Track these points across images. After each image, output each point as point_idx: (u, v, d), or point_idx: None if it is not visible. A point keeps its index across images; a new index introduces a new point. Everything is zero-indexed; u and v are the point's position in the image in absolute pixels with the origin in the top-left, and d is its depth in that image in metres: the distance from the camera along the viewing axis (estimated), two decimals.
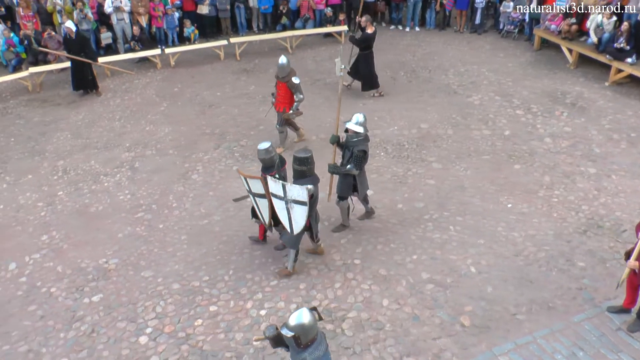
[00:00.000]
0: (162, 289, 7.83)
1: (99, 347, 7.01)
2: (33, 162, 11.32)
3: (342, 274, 7.82)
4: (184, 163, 10.74)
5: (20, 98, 14.41)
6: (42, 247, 8.89)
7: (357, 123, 8.11)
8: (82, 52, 13.50)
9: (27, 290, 8.05)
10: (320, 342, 4.71)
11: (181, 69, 15.35)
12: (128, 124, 12.43)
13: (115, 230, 9.10)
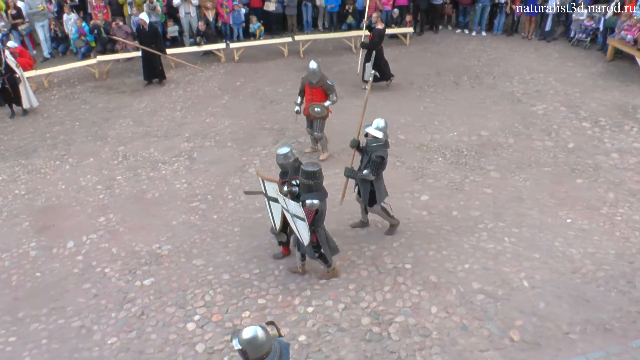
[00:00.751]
0: (212, 278, 7.99)
1: (147, 330, 7.23)
2: (95, 146, 11.75)
3: (392, 278, 7.79)
4: (241, 156, 10.92)
5: (87, 84, 15.00)
6: (99, 228, 9.23)
7: (377, 128, 7.96)
8: (152, 44, 13.94)
9: (82, 269, 8.39)
10: (274, 356, 4.63)
11: (244, 63, 15.59)
12: (189, 114, 12.72)
13: (170, 218, 9.33)
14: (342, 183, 8.96)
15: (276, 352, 4.65)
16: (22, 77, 13.17)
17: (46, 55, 16.92)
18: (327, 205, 7.49)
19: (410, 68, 14.83)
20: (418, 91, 13.49)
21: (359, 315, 7.23)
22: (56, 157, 11.51)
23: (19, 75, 13.06)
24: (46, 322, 7.54)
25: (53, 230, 9.33)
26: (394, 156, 10.59)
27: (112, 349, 7.02)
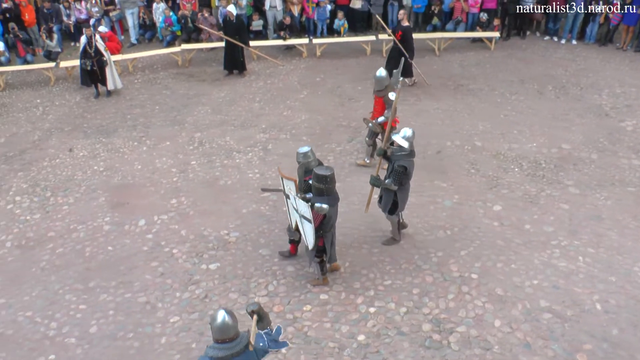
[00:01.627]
0: (277, 269, 8.12)
1: (209, 313, 7.40)
2: (173, 131, 12.14)
3: (457, 286, 7.71)
4: (316, 151, 10.92)
5: (170, 71, 15.54)
6: (170, 209, 9.54)
7: (404, 137, 7.84)
8: (237, 35, 14.26)
9: (151, 247, 8.72)
10: (227, 348, 4.73)
11: (326, 60, 15.72)
12: (267, 106, 12.94)
13: (241, 206, 9.53)
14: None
15: (242, 341, 4.79)
16: (109, 60, 13.82)
17: (133, 41, 17.63)
18: (337, 210, 7.44)
19: (493, 74, 14.58)
20: (499, 98, 13.25)
21: (420, 320, 7.20)
22: (135, 138, 11.98)
23: (106, 58, 13.71)
24: (114, 294, 7.90)
25: (127, 207, 9.72)
26: (469, 163, 10.48)
27: (173, 327, 7.27)
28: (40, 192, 10.37)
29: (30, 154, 11.75)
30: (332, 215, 7.20)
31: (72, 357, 7.03)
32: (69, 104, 14.06)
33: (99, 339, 7.22)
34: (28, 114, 13.78)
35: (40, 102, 14.39)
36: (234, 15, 14.27)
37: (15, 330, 7.45)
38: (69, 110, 13.71)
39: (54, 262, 8.62)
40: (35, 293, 8.05)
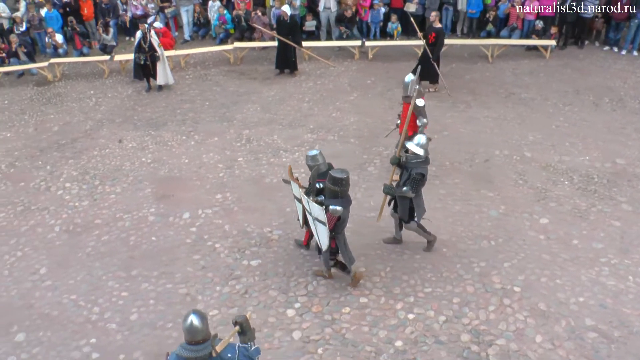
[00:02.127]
0: (318, 269, 8.11)
1: (248, 308, 7.50)
2: (221, 127, 12.31)
3: (499, 298, 7.58)
4: (362, 154, 11.01)
5: (221, 68, 15.76)
6: (214, 204, 9.67)
7: (418, 144, 7.76)
8: (290, 35, 14.37)
9: (194, 240, 8.86)
10: (194, 350, 4.84)
11: (378, 62, 15.66)
12: (316, 107, 12.99)
13: (285, 204, 9.58)
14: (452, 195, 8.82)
15: (209, 347, 4.86)
16: (162, 56, 14.13)
17: (186, 37, 17.94)
18: (349, 213, 7.49)
19: (547, 83, 14.29)
20: (552, 108, 12.98)
21: (459, 330, 7.11)
22: (183, 133, 12.18)
23: (159, 54, 14.03)
24: (155, 284, 8.07)
25: (172, 199, 9.91)
26: (517, 173, 10.32)
27: (212, 321, 7.32)
28: (89, 180, 10.68)
29: (82, 143, 12.10)
30: (346, 217, 7.31)
31: (112, 342, 7.20)
32: (120, 97, 14.41)
33: (139, 326, 7.39)
34: (81, 104, 14.19)
35: (94, 94, 14.78)
36: (287, 16, 14.39)
37: (60, 312, 7.71)
38: (121, 103, 14.06)
39: (99, 248, 8.86)
40: (80, 277, 8.31)
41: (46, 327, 7.52)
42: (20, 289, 8.27)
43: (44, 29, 17.21)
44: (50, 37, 16.72)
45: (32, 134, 12.92)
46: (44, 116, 13.76)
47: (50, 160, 11.59)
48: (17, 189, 10.65)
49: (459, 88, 13.85)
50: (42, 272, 8.53)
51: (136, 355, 6.94)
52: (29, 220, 9.71)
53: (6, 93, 15.39)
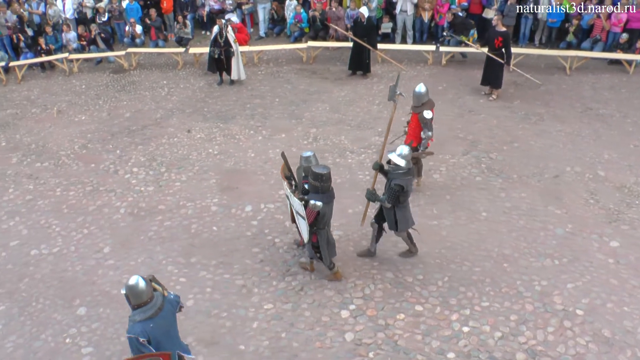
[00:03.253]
0: (376, 273, 8.11)
1: (303, 306, 7.56)
2: (289, 124, 12.42)
3: (559, 320, 7.34)
4: (429, 160, 10.84)
5: (293, 66, 15.92)
6: (277, 199, 9.77)
7: (400, 155, 7.71)
8: (365, 37, 14.39)
9: (255, 234, 9.00)
10: (150, 308, 5.37)
11: (450, 69, 15.47)
12: (385, 109, 12.91)
13: (347, 205, 9.58)
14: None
15: (157, 302, 5.43)
16: (236, 52, 14.43)
17: (261, 34, 18.22)
18: (333, 209, 7.65)
19: (628, 100, 13.73)
20: (631, 127, 12.47)
21: (514, 348, 6.95)
22: (251, 127, 12.36)
23: (234, 49, 14.33)
24: (213, 273, 8.24)
25: (235, 192, 10.08)
26: (588, 192, 9.98)
27: (266, 314, 7.45)
28: (156, 166, 11.00)
29: (151, 130, 12.46)
30: (325, 213, 7.42)
31: None
32: (192, 88, 14.75)
33: (194, 312, 7.54)
34: (154, 93, 14.61)
35: (166, 84, 15.19)
36: (365, 17, 14.42)
37: (119, 291, 7.89)
38: (192, 94, 14.39)
39: (161, 233, 9.11)
40: (140, 259, 8.59)
41: (106, 304, 7.83)
42: (85, 265, 8.64)
43: (124, 19, 17.87)
44: (131, 27, 17.30)
45: (105, 118, 13.40)
46: (118, 102, 14.26)
47: (120, 144, 12.01)
48: (87, 170, 11.10)
49: (532, 99, 13.50)
50: (105, 251, 8.88)
51: (189, 340, 7.06)
52: (97, 201, 10.11)
53: (84, 78, 16.04)
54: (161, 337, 5.44)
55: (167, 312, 5.54)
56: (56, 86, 15.76)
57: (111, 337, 7.32)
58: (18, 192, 10.62)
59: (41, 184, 10.82)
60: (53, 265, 8.71)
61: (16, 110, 14.30)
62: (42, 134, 12.85)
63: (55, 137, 12.67)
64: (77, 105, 14.27)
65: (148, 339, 5.31)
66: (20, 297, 8.17)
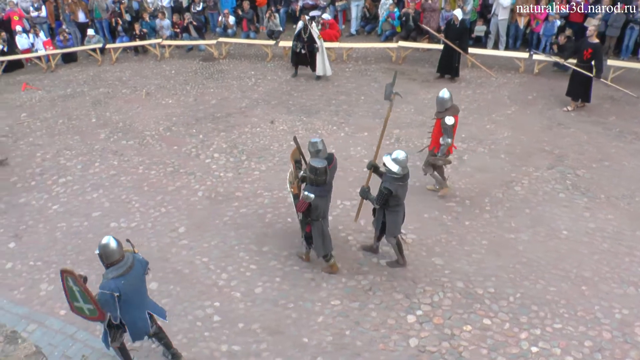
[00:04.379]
0: (446, 281, 8.01)
1: (369, 306, 7.57)
2: (373, 123, 12.42)
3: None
4: (511, 172, 10.66)
5: (382, 65, 15.92)
6: (354, 197, 9.75)
7: (395, 159, 7.60)
8: (457, 40, 14.24)
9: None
10: (121, 266, 5.88)
11: (543, 78, 14.99)
12: (470, 116, 12.73)
13: (423, 210, 9.52)
14: None
15: (128, 261, 5.94)
16: (320, 48, 14.63)
17: (352, 31, 18.32)
18: (328, 202, 7.84)
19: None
20: None
21: None
22: (334, 123, 12.45)
23: (318, 45, 14.53)
24: (284, 263, 8.37)
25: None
26: None
27: (332, 310, 7.50)
28: (237, 154, 11.26)
29: (235, 119, 12.75)
30: (318, 205, 7.53)
31: (234, 309, 7.58)
32: (279, 80, 15.00)
33: (262, 300, 7.70)
34: (241, 82, 14.96)
35: (254, 74, 15.50)
36: (458, 20, 14.28)
37: (191, 271, 8.25)
38: (278, 86, 14.63)
39: (236, 219, 9.33)
40: (214, 243, 8.84)
41: (177, 282, 8.10)
42: (160, 242, 8.98)
43: (217, 10, 18.40)
44: (224, 18, 17.77)
45: (192, 103, 13.82)
46: (205, 89, 14.68)
47: (203, 130, 12.36)
48: (170, 152, 11.52)
49: (629, 117, 12.88)
50: (180, 231, 9.19)
51: (254, 327, 7.23)
52: (176, 182, 10.47)
53: (174, 64, 16.64)
54: (132, 294, 5.97)
55: (137, 271, 6.07)
56: (147, 69, 16.42)
57: (179, 314, 7.57)
58: (103, 167, 11.19)
59: (125, 161, 11.33)
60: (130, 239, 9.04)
61: (108, 90, 15.03)
62: (130, 114, 13.44)
63: (142, 117, 13.22)
64: (165, 89, 14.82)
65: (119, 294, 5.82)
66: (98, 265, 8.47)
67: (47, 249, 9.03)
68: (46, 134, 12.74)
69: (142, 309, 6.21)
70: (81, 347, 7.12)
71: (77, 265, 8.50)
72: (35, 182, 10.88)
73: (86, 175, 10.99)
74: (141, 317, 6.21)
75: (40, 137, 12.60)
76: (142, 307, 6.21)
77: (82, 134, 12.67)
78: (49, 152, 11.86)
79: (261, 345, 7.03)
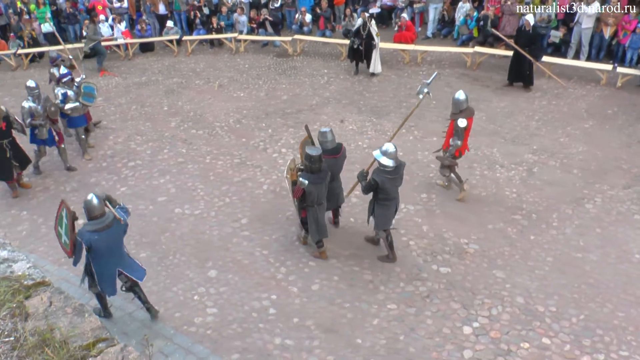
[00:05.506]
0: (506, 295, 7.87)
1: (426, 312, 7.52)
2: (442, 128, 12.09)
3: None
4: (583, 188, 10.35)
5: (456, 70, 15.73)
6: (418, 202, 9.79)
7: (382, 151, 7.85)
8: (527, 47, 13.94)
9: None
10: (98, 223, 6.57)
11: (625, 92, 14.39)
12: (544, 127, 12.45)
13: (487, 220, 9.39)
14: None
15: (106, 220, 6.63)
16: (377, 45, 14.98)
17: (428, 34, 18.21)
18: (324, 190, 8.09)
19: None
20: None
21: None
22: (404, 126, 12.29)
23: (375, 42, 14.87)
24: (344, 262, 8.42)
25: None
26: None
27: (388, 314, 7.50)
28: None
29: (305, 115, 12.88)
30: (312, 191, 7.89)
31: (290, 304, 7.69)
32: (351, 80, 15.06)
33: (318, 297, 7.78)
34: (313, 80, 15.08)
35: (327, 73, 15.61)
36: (530, 26, 13.96)
37: (250, 262, 8.43)
38: (350, 85, 14.69)
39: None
40: (275, 236, 8.99)
41: (235, 272, 8.30)
42: (222, 231, 9.23)
43: (295, 7, 18.64)
44: (301, 15, 17.98)
45: (263, 98, 14.05)
46: (277, 84, 14.89)
47: (272, 124, 12.55)
48: (238, 144, 11.77)
49: None
50: (242, 222, 9.41)
51: (309, 323, 7.31)
52: (242, 174, 10.70)
53: (248, 58, 16.95)
54: (103, 250, 6.68)
55: (114, 231, 6.73)
56: (221, 62, 16.80)
57: (236, 303, 7.74)
58: (172, 154, 11.55)
59: (193, 150, 11.64)
60: (193, 226, 9.40)
61: (182, 80, 15.46)
62: (201, 104, 13.79)
63: (213, 108, 13.54)
64: (237, 82, 15.11)
65: (89, 246, 6.58)
66: (160, 248, 8.92)
67: None
68: (119, 118, 13.25)
69: (112, 265, 6.90)
70: (139, 326, 7.39)
71: (140, 247, 8.93)
72: (106, 164, 11.36)
73: (154, 160, 11.38)
74: (109, 272, 6.92)
75: (113, 121, 13.13)
76: (112, 264, 6.90)
77: (153, 121, 13.10)
78: (121, 136, 12.35)
79: (314, 342, 7.10)
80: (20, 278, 4.30)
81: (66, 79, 11.14)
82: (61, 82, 11.16)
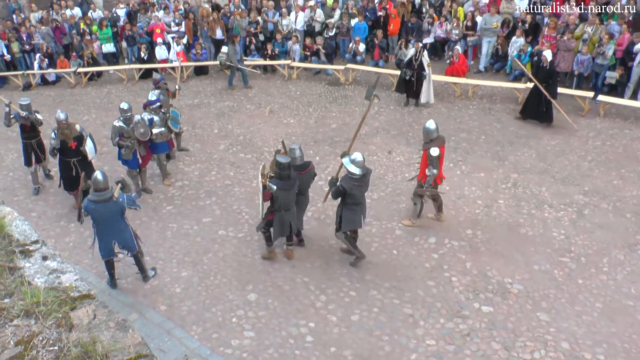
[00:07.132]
0: (550, 339, 7.67)
1: (465, 351, 7.38)
2: (491, 164, 12.15)
3: None
4: (636, 233, 10.01)
5: (507, 105, 15.43)
6: (463, 238, 9.63)
7: (351, 160, 8.34)
8: (546, 83, 13.74)
9: (433, 267, 8.98)
10: (98, 196, 7.82)
11: None
12: (597, 169, 12.14)
13: (533, 261, 9.19)
14: None
15: (104, 196, 7.85)
16: (428, 76, 15.01)
17: (480, 68, 18.05)
18: (292, 197, 8.59)
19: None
20: None
21: None
22: (452, 160, 12.25)
23: (426, 73, 14.88)
24: (384, 295, 8.35)
25: (421, 221, 10.06)
26: None
27: (427, 350, 7.38)
28: None
29: (353, 144, 12.78)
30: (279, 197, 8.45)
31: (328, 332, 7.66)
32: (401, 111, 15.04)
33: (357, 328, 7.72)
34: (363, 109, 15.00)
35: (377, 103, 15.51)
36: (547, 61, 13.74)
37: (291, 288, 8.45)
38: (400, 117, 14.66)
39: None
40: (317, 264, 9.01)
41: (275, 297, 8.33)
42: None
43: (349, 37, 18.81)
44: (355, 45, 18.12)
45: (312, 125, 14.14)
46: (327, 112, 14.97)
47: (320, 152, 12.62)
48: None
49: None
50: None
51: (346, 353, 7.25)
52: None
53: (300, 85, 17.12)
54: (99, 220, 8.00)
55: (110, 207, 7.95)
56: (273, 88, 16.99)
57: (274, 328, 7.75)
58: (219, 176, 11.73)
59: (241, 173, 11.78)
60: (236, 248, 9.50)
61: (233, 104, 15.69)
62: (251, 129, 13.95)
63: (262, 133, 13.68)
64: (288, 109, 15.25)
65: (87, 213, 7.98)
66: (201, 268, 9.04)
67: (157, 245, 9.62)
68: None
69: (107, 235, 8.11)
70: (176, 344, 7.48)
71: (182, 266, 9.09)
72: (154, 182, 11.57)
73: (202, 182, 11.54)
74: (104, 241, 8.17)
75: None
76: (107, 234, 8.10)
77: (202, 143, 13.31)
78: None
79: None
80: (68, 289, 4.38)
81: (155, 106, 11.30)
82: (148, 107, 11.32)
